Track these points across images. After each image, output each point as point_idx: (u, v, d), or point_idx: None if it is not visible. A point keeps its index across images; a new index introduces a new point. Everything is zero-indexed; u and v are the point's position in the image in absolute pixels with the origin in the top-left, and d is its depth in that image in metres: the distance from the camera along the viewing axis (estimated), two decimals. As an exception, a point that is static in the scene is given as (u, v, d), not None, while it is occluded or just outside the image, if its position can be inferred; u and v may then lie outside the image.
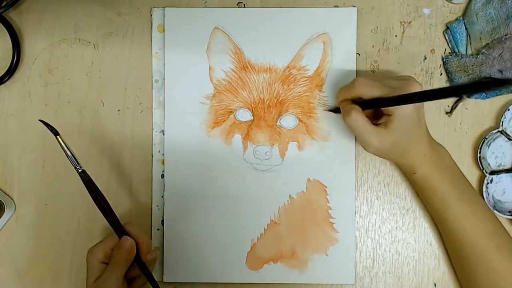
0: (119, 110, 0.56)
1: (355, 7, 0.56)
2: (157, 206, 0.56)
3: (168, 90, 0.56)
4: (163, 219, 0.56)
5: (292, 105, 0.55)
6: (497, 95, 0.55)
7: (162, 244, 0.55)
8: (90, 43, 0.57)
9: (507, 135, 0.55)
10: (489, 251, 0.49)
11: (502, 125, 0.55)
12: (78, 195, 0.56)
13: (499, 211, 0.54)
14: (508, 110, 0.55)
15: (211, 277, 0.55)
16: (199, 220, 0.56)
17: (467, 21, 0.55)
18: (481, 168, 0.55)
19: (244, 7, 0.56)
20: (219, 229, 0.55)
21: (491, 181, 0.55)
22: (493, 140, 0.55)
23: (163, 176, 0.56)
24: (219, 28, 0.55)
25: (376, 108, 0.50)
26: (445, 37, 0.56)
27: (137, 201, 0.56)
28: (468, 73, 0.54)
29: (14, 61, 0.56)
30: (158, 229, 0.56)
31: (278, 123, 0.55)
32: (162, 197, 0.56)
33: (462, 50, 0.55)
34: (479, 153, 0.55)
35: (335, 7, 0.56)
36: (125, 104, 0.57)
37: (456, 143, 0.56)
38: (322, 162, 0.55)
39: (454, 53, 0.55)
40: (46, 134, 0.55)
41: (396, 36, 0.56)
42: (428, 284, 0.56)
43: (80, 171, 0.47)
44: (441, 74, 0.56)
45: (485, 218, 0.51)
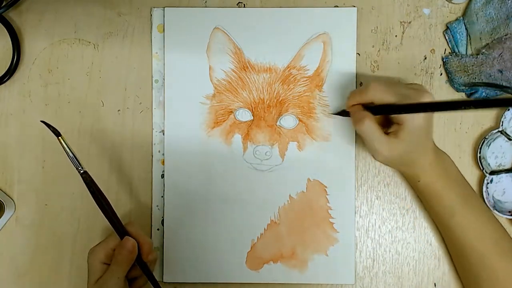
0: (119, 110, 0.56)
1: (355, 7, 0.56)
2: (157, 206, 0.56)
3: (168, 90, 0.56)
4: (163, 219, 0.56)
5: (292, 105, 0.55)
6: (497, 95, 0.55)
7: (162, 244, 0.55)
8: (90, 43, 0.57)
9: (507, 135, 0.55)
10: (492, 258, 0.49)
11: (502, 125, 0.55)
12: (78, 195, 0.56)
13: (499, 211, 0.54)
14: (508, 110, 0.55)
15: (211, 277, 0.55)
16: (199, 220, 0.56)
17: (467, 21, 0.55)
18: (481, 168, 0.55)
19: (244, 7, 0.56)
20: (219, 229, 0.55)
21: (491, 181, 0.55)
22: (493, 140, 0.55)
23: (163, 176, 0.56)
24: (219, 28, 0.55)
25: (387, 114, 0.49)
26: (445, 37, 0.56)
27: (137, 201, 0.56)
28: (468, 73, 0.54)
29: (14, 61, 0.56)
30: (158, 229, 0.56)
31: (278, 123, 0.55)
32: (162, 197, 0.56)
33: (462, 50, 0.55)
34: (479, 153, 0.55)
35: (335, 7, 0.56)
36: (125, 104, 0.57)
37: (456, 143, 0.56)
38: (322, 162, 0.55)
39: (454, 53, 0.55)
40: (46, 134, 0.55)
41: (396, 36, 0.56)
42: (428, 284, 0.56)
43: (82, 172, 0.47)
44: (441, 74, 0.56)
45: (489, 225, 0.51)
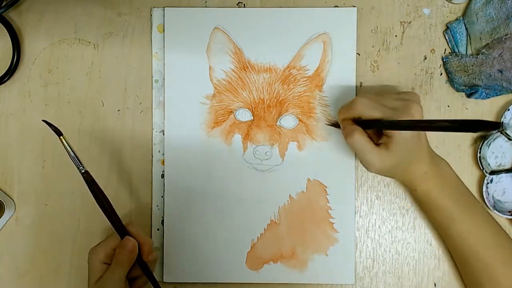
0: (119, 110, 0.56)
1: (355, 7, 0.56)
2: (157, 206, 0.56)
3: (168, 90, 0.56)
4: (163, 219, 0.56)
5: (292, 105, 0.55)
6: (497, 95, 0.55)
7: (162, 244, 0.55)
8: (90, 43, 0.57)
9: (507, 135, 0.55)
10: (495, 264, 0.49)
11: (502, 125, 0.54)
12: (78, 195, 0.56)
13: (499, 211, 0.54)
14: (508, 110, 0.55)
15: (211, 277, 0.55)
16: (199, 220, 0.56)
17: (467, 21, 0.55)
18: (481, 168, 0.55)
19: (244, 7, 0.56)
20: (219, 229, 0.55)
21: (491, 181, 0.55)
22: (493, 140, 0.55)
23: (163, 176, 0.56)
24: (219, 28, 0.55)
25: (375, 128, 0.49)
26: (445, 37, 0.56)
27: (137, 201, 0.56)
28: (468, 73, 0.54)
29: (14, 61, 0.55)
30: (158, 229, 0.56)
31: (278, 123, 0.55)
32: (162, 197, 0.56)
33: (462, 50, 0.55)
34: (479, 153, 0.55)
35: (335, 7, 0.56)
36: (125, 104, 0.56)
37: (456, 143, 0.56)
38: (322, 162, 0.55)
39: (454, 53, 0.55)
40: (46, 134, 0.55)
41: (396, 36, 0.56)
42: (428, 284, 0.56)
43: (83, 172, 0.47)
44: (441, 74, 0.56)
45: (490, 231, 0.50)
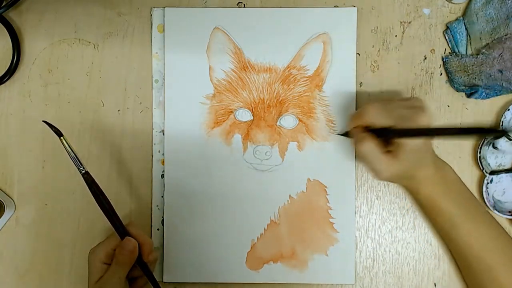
0: (119, 110, 0.56)
1: (355, 7, 0.56)
2: (157, 206, 0.56)
3: (168, 90, 0.56)
4: (163, 219, 0.56)
5: (292, 105, 0.55)
6: (497, 95, 0.55)
7: (162, 244, 0.55)
8: (90, 43, 0.57)
9: (507, 135, 0.55)
10: (497, 268, 0.49)
11: (502, 125, 0.54)
12: (78, 195, 0.56)
13: (499, 211, 0.54)
14: (508, 110, 0.55)
15: (211, 277, 0.55)
16: (199, 220, 0.56)
17: (467, 21, 0.55)
18: (481, 168, 0.55)
19: (244, 7, 0.56)
20: (219, 229, 0.55)
21: (491, 181, 0.55)
22: (493, 140, 0.55)
23: (163, 176, 0.56)
24: (219, 28, 0.55)
25: (386, 137, 0.49)
26: (445, 37, 0.56)
27: (137, 201, 0.56)
28: (468, 73, 0.54)
29: (14, 61, 0.56)
30: (158, 229, 0.56)
31: (278, 123, 0.55)
32: (162, 197, 0.56)
33: (462, 50, 0.55)
34: (479, 153, 0.55)
35: (335, 7, 0.56)
36: (125, 104, 0.56)
37: (456, 143, 0.56)
38: (322, 162, 0.55)
39: (454, 53, 0.55)
40: (46, 134, 0.55)
41: (396, 36, 0.56)
42: (428, 284, 0.56)
43: (83, 172, 0.47)
44: (441, 74, 0.56)
45: (492, 235, 0.50)
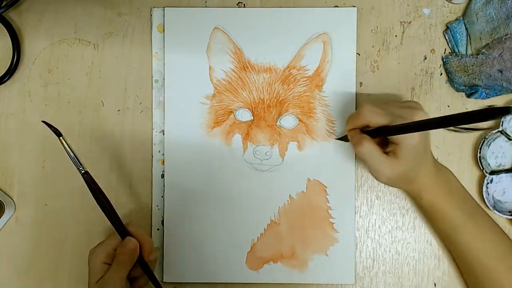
0: (119, 110, 0.56)
1: (355, 7, 0.56)
2: (157, 206, 0.56)
3: (168, 90, 0.56)
4: (163, 219, 0.56)
5: (292, 105, 0.55)
6: (497, 95, 0.55)
7: (162, 244, 0.55)
8: (90, 43, 0.57)
9: (507, 135, 0.55)
10: (500, 272, 0.49)
11: (502, 125, 0.54)
12: (78, 195, 0.56)
13: (499, 211, 0.54)
14: (508, 110, 0.55)
15: (211, 277, 0.55)
16: (199, 220, 0.56)
17: (467, 21, 0.55)
18: (481, 168, 0.55)
19: (244, 7, 0.56)
20: (219, 229, 0.55)
21: (491, 181, 0.55)
22: (493, 140, 0.55)
23: (163, 176, 0.56)
24: (219, 28, 0.55)
25: (384, 136, 0.49)
26: (445, 37, 0.56)
27: (137, 201, 0.56)
28: (468, 73, 0.54)
29: (14, 61, 0.56)
30: (158, 229, 0.56)
31: (278, 123, 0.55)
32: (162, 197, 0.56)
33: (462, 50, 0.55)
34: (479, 153, 0.55)
35: (335, 7, 0.56)
36: (125, 104, 0.56)
37: (456, 143, 0.56)
38: (322, 162, 0.55)
39: (454, 53, 0.55)
40: (46, 134, 0.55)
41: (396, 36, 0.56)
42: (428, 284, 0.56)
43: (83, 172, 0.47)
44: (441, 74, 0.56)
45: (495, 240, 0.51)
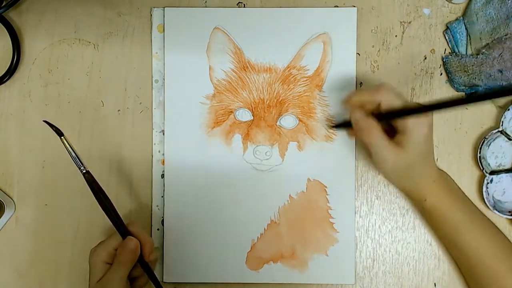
0: (119, 110, 0.56)
1: (355, 7, 0.56)
2: (157, 206, 0.56)
3: (168, 90, 0.56)
4: (163, 219, 0.56)
5: (292, 105, 0.55)
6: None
7: (162, 244, 0.55)
8: (90, 43, 0.57)
9: (507, 135, 0.55)
10: (501, 273, 0.49)
11: (502, 125, 0.54)
12: (78, 195, 0.56)
13: (499, 211, 0.54)
14: (508, 110, 0.55)
15: (211, 277, 0.55)
16: (199, 220, 0.56)
17: (467, 21, 0.55)
18: (481, 168, 0.55)
19: (244, 7, 0.56)
20: (219, 229, 0.55)
21: (491, 181, 0.55)
22: (493, 140, 0.55)
23: (163, 176, 0.56)
24: (219, 28, 0.55)
25: (390, 119, 0.48)
26: (445, 37, 0.56)
27: (137, 201, 0.56)
28: (468, 73, 0.54)
29: (14, 61, 0.56)
30: (158, 229, 0.56)
31: (278, 123, 0.55)
32: (162, 197, 0.56)
33: (462, 50, 0.55)
34: (479, 153, 0.55)
35: (335, 7, 0.56)
36: (125, 104, 0.56)
37: (456, 143, 0.56)
38: (322, 162, 0.55)
39: (454, 53, 0.55)
40: (46, 134, 0.55)
41: (396, 36, 0.56)
42: (428, 284, 0.56)
43: (84, 172, 0.47)
44: (441, 74, 0.56)
45: (495, 240, 0.51)
